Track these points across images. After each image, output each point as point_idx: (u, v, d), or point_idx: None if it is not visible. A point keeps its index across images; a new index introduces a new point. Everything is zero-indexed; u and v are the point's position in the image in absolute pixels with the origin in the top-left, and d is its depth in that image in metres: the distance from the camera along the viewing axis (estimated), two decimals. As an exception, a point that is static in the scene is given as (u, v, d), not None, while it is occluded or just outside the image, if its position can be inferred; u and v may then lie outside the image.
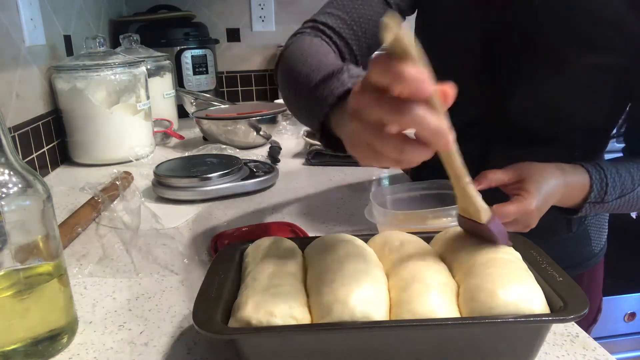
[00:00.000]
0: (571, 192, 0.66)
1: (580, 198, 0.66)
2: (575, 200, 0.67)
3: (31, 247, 0.47)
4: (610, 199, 0.66)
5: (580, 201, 0.67)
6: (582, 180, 0.65)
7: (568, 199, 0.66)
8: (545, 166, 0.63)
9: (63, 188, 1.02)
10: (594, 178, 0.65)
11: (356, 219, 0.81)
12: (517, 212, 0.59)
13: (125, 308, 0.57)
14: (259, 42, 2.05)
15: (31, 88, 1.08)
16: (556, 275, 0.46)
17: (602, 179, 0.65)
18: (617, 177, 0.66)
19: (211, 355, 0.48)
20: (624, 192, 0.66)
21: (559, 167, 0.65)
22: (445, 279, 0.46)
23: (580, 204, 0.67)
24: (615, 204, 0.67)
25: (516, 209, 0.59)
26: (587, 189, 0.65)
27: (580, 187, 0.66)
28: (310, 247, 0.54)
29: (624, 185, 0.66)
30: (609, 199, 0.66)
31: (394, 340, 0.42)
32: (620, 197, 0.67)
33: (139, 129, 1.21)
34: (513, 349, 0.43)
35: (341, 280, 0.44)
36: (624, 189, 0.66)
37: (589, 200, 0.66)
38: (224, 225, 0.80)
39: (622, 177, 0.66)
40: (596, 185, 0.65)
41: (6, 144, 0.45)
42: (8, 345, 0.46)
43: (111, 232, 0.78)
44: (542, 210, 0.62)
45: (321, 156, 1.13)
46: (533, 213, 0.60)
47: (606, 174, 0.66)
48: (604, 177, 0.66)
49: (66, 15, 1.31)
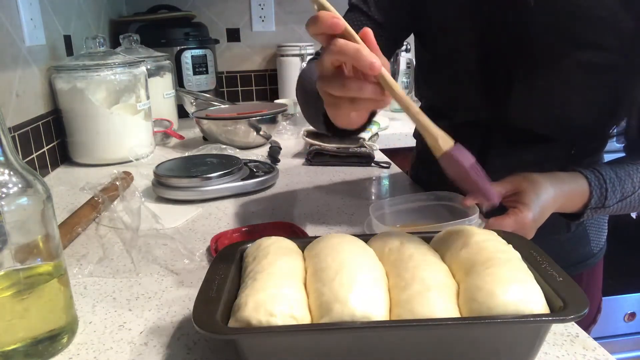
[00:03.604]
0: (570, 201, 0.66)
1: (581, 205, 0.66)
2: (576, 207, 0.67)
3: (31, 247, 0.47)
4: (610, 204, 0.66)
5: (581, 207, 0.67)
6: (581, 188, 0.65)
7: (568, 207, 0.67)
8: (543, 177, 0.64)
9: (63, 188, 1.02)
10: (593, 185, 0.65)
11: (356, 219, 0.81)
12: (514, 224, 0.59)
13: (125, 308, 0.57)
14: (259, 42, 2.06)
15: (31, 88, 1.08)
16: (556, 275, 0.46)
17: (602, 184, 0.65)
18: (616, 181, 0.66)
19: (211, 355, 0.48)
20: (624, 195, 0.66)
21: (557, 177, 0.65)
22: (445, 279, 0.46)
23: (582, 210, 0.67)
24: (617, 207, 0.67)
25: (513, 222, 0.59)
26: (586, 196, 0.66)
27: (580, 195, 0.66)
28: (310, 247, 0.54)
29: (624, 188, 0.66)
30: (609, 204, 0.66)
31: (394, 340, 0.42)
32: (621, 200, 0.67)
33: (139, 129, 1.21)
34: (513, 349, 0.43)
35: (341, 280, 0.44)
36: (624, 192, 0.66)
37: (589, 207, 0.66)
38: (224, 225, 0.80)
39: (621, 180, 0.66)
40: (595, 192, 0.65)
41: (6, 144, 0.45)
42: (8, 345, 0.46)
43: (111, 232, 0.78)
44: (538, 222, 0.62)
45: (321, 156, 1.13)
46: (529, 225, 0.60)
47: (605, 179, 0.66)
48: (603, 182, 0.66)
49: (66, 15, 1.31)
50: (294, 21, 2.05)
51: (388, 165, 1.10)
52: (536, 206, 0.61)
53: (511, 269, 0.45)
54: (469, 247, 0.50)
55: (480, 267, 0.46)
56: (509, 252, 0.49)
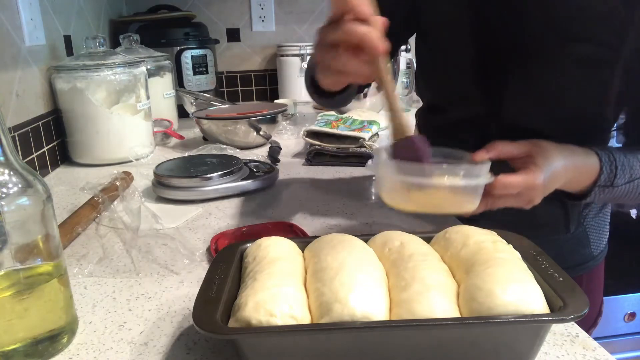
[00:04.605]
0: (580, 175, 0.65)
1: (590, 181, 0.66)
2: (584, 184, 0.66)
3: (31, 247, 0.47)
4: (619, 183, 0.65)
5: (589, 185, 0.66)
6: (592, 163, 0.65)
7: (577, 182, 0.66)
8: (555, 146, 0.63)
9: (63, 188, 1.02)
10: (604, 161, 0.65)
11: (356, 219, 0.81)
12: (523, 184, 0.58)
13: (125, 308, 0.57)
14: (259, 42, 2.05)
15: (31, 88, 1.08)
16: (556, 275, 0.46)
17: (612, 162, 0.65)
18: (625, 161, 0.65)
19: (211, 355, 0.48)
20: (632, 177, 0.66)
21: (570, 148, 0.64)
22: (445, 279, 0.46)
23: (590, 187, 0.66)
24: (624, 189, 0.66)
25: (522, 181, 0.58)
26: (596, 172, 0.65)
27: (590, 170, 0.65)
28: (310, 247, 0.54)
29: (633, 170, 0.66)
30: (618, 183, 0.65)
31: (394, 340, 0.42)
32: (629, 182, 0.66)
33: (139, 129, 1.21)
34: (513, 349, 0.43)
35: (341, 280, 0.44)
36: (633, 174, 0.66)
37: (598, 184, 0.65)
38: (224, 225, 0.80)
39: (630, 161, 0.66)
40: (605, 168, 0.64)
41: (6, 144, 0.45)
42: (8, 345, 0.46)
43: (111, 232, 0.78)
44: (547, 188, 0.61)
45: (321, 156, 1.13)
46: (538, 188, 0.59)
47: (615, 158, 0.65)
48: (613, 160, 0.65)
49: (66, 15, 1.31)
50: (294, 21, 2.05)
51: (388, 165, 1.10)
52: (547, 170, 0.59)
53: (511, 269, 0.45)
54: (469, 247, 0.50)
55: (480, 267, 0.46)
56: (509, 252, 0.49)
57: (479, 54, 0.74)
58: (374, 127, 1.18)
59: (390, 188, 0.57)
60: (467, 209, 0.57)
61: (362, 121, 1.20)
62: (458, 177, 0.57)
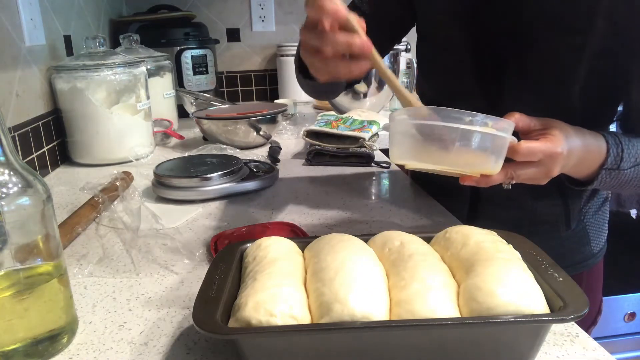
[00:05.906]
0: (588, 156, 0.65)
1: (597, 164, 0.66)
2: (591, 167, 0.66)
3: (31, 247, 0.47)
4: (625, 167, 0.66)
5: (596, 168, 0.66)
6: (600, 145, 0.65)
7: (585, 164, 0.66)
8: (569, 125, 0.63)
9: (63, 188, 1.02)
10: (611, 143, 0.65)
11: (356, 219, 0.81)
12: (546, 150, 0.58)
13: (125, 308, 0.57)
14: (259, 42, 2.06)
15: (31, 88, 1.08)
16: (556, 275, 0.46)
17: (618, 144, 0.65)
18: (631, 145, 0.66)
19: (211, 355, 0.48)
20: (638, 160, 0.66)
21: (579, 129, 0.64)
22: (445, 279, 0.46)
23: (597, 170, 0.66)
24: (629, 174, 0.67)
25: (544, 147, 0.57)
26: (603, 155, 0.65)
27: (597, 152, 0.65)
28: (310, 247, 0.54)
29: (638, 153, 0.66)
30: (624, 166, 0.66)
31: (394, 340, 0.42)
32: (634, 166, 0.66)
33: (139, 129, 1.21)
34: (513, 348, 0.43)
35: (341, 280, 0.44)
36: (638, 158, 0.66)
37: (605, 167, 0.65)
38: (224, 225, 0.80)
39: (635, 145, 0.66)
40: (612, 151, 0.65)
41: (6, 144, 0.45)
42: (8, 345, 0.46)
43: (111, 232, 0.78)
44: (567, 160, 0.61)
45: (321, 156, 1.13)
46: (559, 157, 0.59)
47: (621, 142, 0.66)
48: (619, 143, 0.65)
49: (66, 15, 1.31)
50: (294, 21, 2.05)
51: (388, 165, 1.10)
52: (566, 143, 0.59)
53: (511, 269, 0.45)
54: (469, 247, 0.50)
55: (480, 267, 0.46)
56: (509, 252, 0.49)
57: (476, 45, 0.74)
58: (374, 127, 1.18)
59: (407, 146, 0.56)
60: (489, 169, 0.55)
61: (362, 121, 1.20)
62: (487, 126, 0.53)
